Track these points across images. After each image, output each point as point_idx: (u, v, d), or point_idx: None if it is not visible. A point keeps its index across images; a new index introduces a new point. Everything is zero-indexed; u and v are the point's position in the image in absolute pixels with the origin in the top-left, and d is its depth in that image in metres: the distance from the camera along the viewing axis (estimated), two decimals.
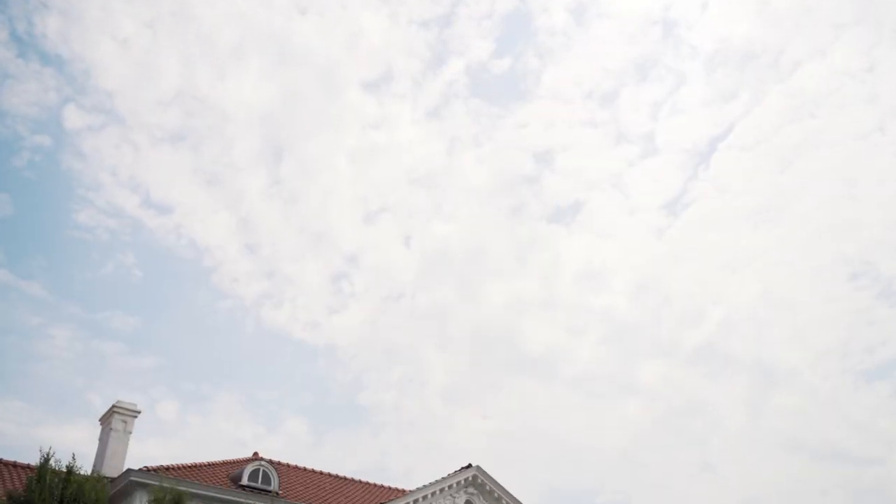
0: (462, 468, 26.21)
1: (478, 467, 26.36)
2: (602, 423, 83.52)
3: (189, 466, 23.74)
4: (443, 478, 25.53)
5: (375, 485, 30.89)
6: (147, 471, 20.96)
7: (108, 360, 78.40)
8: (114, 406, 24.87)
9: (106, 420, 25.19)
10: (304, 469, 29.65)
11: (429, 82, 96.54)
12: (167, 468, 21.87)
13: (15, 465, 23.71)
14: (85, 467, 17.83)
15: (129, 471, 20.91)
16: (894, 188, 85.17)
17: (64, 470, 17.26)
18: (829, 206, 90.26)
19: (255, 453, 27.55)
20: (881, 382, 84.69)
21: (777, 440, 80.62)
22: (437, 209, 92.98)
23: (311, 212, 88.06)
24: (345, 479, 30.42)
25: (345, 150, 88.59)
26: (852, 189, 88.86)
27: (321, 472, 30.05)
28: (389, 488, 30.62)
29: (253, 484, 23.64)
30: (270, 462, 26.53)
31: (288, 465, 29.08)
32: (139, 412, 25.25)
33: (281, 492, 24.07)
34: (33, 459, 23.39)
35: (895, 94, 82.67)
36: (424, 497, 24.74)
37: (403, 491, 28.79)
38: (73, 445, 70.18)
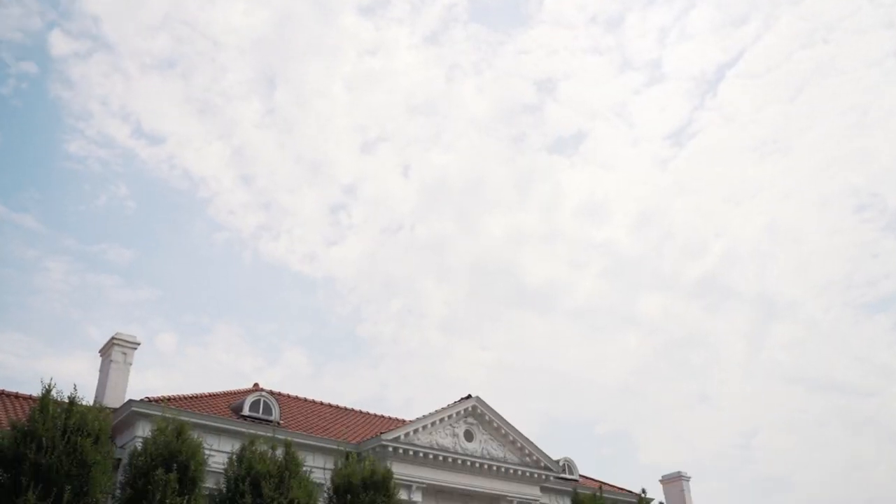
0: (462, 399, 26.43)
1: (477, 398, 26.58)
2: (602, 356, 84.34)
3: (190, 397, 23.87)
4: (443, 408, 25.75)
5: (375, 415, 31.22)
6: (148, 401, 21.04)
7: (105, 293, 78.41)
8: (113, 338, 24.86)
9: (106, 352, 25.21)
10: (305, 399, 29.90)
11: (427, 6, 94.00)
12: (168, 399, 21.96)
13: (17, 395, 23.82)
14: (86, 398, 17.80)
15: (130, 401, 20.98)
16: None
17: (66, 401, 17.24)
18: (838, 136, 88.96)
19: (256, 384, 27.72)
20: (882, 315, 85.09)
21: (776, 372, 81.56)
22: (436, 138, 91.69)
23: (307, 141, 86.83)
24: (345, 409, 30.71)
25: (340, 77, 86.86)
26: (863, 118, 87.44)
27: (321, 403, 30.33)
28: (389, 418, 30.95)
29: (254, 414, 23.81)
30: (271, 393, 26.70)
31: (288, 396, 29.30)
32: (139, 344, 25.28)
33: (282, 422, 24.26)
34: (34, 391, 23.53)
35: None
36: (424, 427, 24.98)
37: (403, 421, 29.10)
38: (74, 377, 71.02)
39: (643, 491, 31.00)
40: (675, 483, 38.09)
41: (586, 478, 32.54)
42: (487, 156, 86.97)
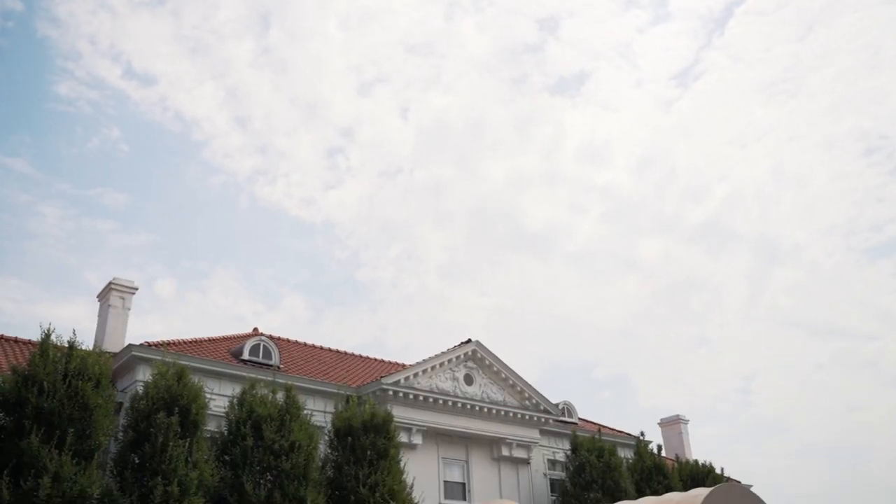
0: (462, 343, 26.46)
1: (477, 342, 26.62)
2: (601, 300, 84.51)
3: (189, 342, 23.86)
4: (443, 352, 25.80)
5: (375, 359, 31.31)
6: (148, 346, 21.00)
7: (102, 238, 78.09)
8: (111, 283, 24.74)
9: (104, 297, 25.11)
10: (304, 344, 29.95)
11: None
12: (168, 343, 21.93)
13: (16, 340, 23.78)
14: (86, 343, 17.74)
15: (130, 346, 20.93)
16: None
17: (65, 345, 17.17)
18: (848, 76, 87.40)
19: (255, 329, 27.74)
20: (886, 260, 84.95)
21: (777, 316, 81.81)
22: (435, 79, 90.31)
23: (302, 82, 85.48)
24: (344, 353, 30.78)
25: (335, 15, 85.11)
26: (874, 58, 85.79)
27: (321, 347, 30.39)
28: (389, 362, 31.06)
29: (254, 358, 23.82)
30: (270, 337, 26.70)
31: (288, 341, 29.34)
32: (136, 289, 25.17)
33: (282, 366, 24.30)
34: (33, 335, 23.52)
35: None
36: (424, 371, 25.05)
37: (403, 365, 29.20)
38: (72, 322, 71.26)
39: (642, 434, 31.33)
40: (673, 426, 38.56)
41: (585, 421, 32.85)
42: (488, 97, 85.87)
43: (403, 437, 23.61)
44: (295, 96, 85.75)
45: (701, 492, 18.62)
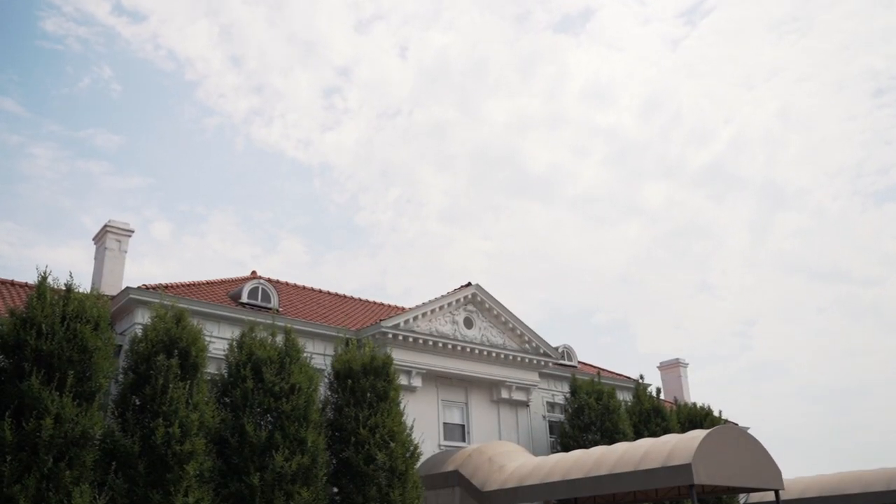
0: (462, 286, 26.37)
1: (477, 286, 26.52)
2: (603, 244, 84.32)
3: (187, 285, 23.72)
4: (442, 296, 25.71)
5: (375, 302, 31.28)
6: (146, 289, 20.86)
7: (96, 180, 77.41)
8: (106, 225, 24.53)
9: (100, 239, 24.92)
10: (304, 287, 29.85)
11: None
12: (166, 286, 21.78)
13: (13, 283, 23.63)
14: (83, 286, 17.58)
15: (128, 289, 20.78)
16: None
17: (63, 288, 17.00)
18: (861, 14, 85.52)
19: (254, 272, 27.58)
20: (891, 204, 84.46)
21: (780, 262, 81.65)
22: (435, 16, 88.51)
23: (298, 18, 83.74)
24: (344, 297, 30.71)
25: None
26: None
27: (320, 291, 30.30)
28: (389, 306, 31.03)
29: (252, 301, 23.72)
30: (269, 280, 26.57)
31: (286, 284, 29.22)
32: (132, 231, 24.99)
33: (281, 309, 24.22)
34: (29, 279, 23.37)
35: None
36: (424, 314, 24.99)
37: (403, 308, 29.17)
38: (69, 265, 71.12)
39: (641, 377, 31.49)
40: (672, 369, 38.84)
41: (585, 364, 33.00)
42: (489, 35, 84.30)
43: (403, 380, 23.68)
44: (291, 34, 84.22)
45: (698, 434, 18.73)
